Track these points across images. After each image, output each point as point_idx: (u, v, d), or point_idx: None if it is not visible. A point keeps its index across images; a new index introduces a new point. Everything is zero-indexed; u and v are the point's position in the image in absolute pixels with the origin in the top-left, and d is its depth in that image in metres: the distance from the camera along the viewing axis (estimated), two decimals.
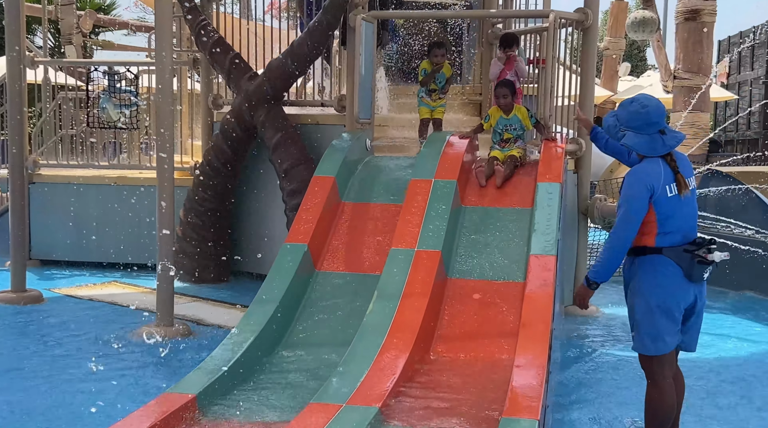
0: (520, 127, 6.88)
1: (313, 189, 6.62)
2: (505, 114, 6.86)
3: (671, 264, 4.12)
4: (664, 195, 4.10)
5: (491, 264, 5.90)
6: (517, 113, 6.87)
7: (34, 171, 9.96)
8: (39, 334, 6.84)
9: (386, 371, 4.62)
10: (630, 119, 4.19)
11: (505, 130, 6.88)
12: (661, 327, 4.14)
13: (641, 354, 4.28)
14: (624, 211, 4.13)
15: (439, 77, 7.79)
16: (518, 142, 6.92)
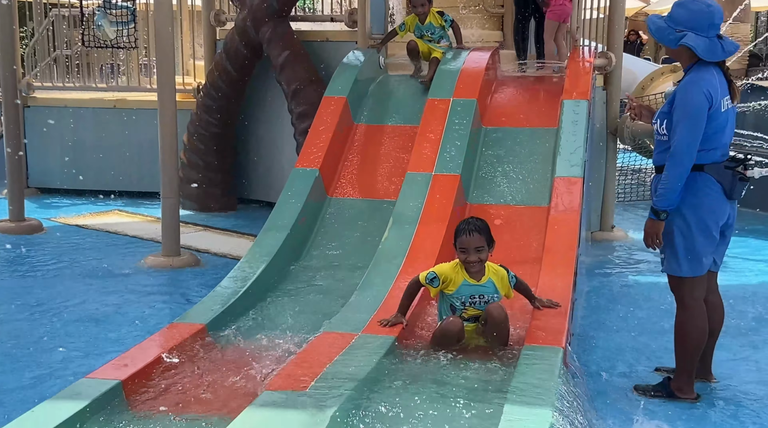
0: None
1: (324, 110, 6.57)
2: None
3: (713, 182, 4.09)
4: (719, 108, 4.03)
5: (513, 188, 5.89)
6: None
7: (28, 94, 9.93)
8: (40, 264, 6.94)
9: None
10: (692, 18, 4.01)
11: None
12: (699, 247, 4.14)
13: (673, 276, 4.28)
14: (686, 125, 3.99)
15: (428, 28, 7.27)
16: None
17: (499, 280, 4.20)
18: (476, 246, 4.08)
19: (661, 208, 4.12)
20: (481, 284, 4.15)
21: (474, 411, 3.45)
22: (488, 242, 4.14)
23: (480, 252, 4.10)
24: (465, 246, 4.10)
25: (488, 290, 4.16)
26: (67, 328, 5.30)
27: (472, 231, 4.09)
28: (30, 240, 7.81)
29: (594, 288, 6.33)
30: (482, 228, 4.12)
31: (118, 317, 5.53)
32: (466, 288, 4.16)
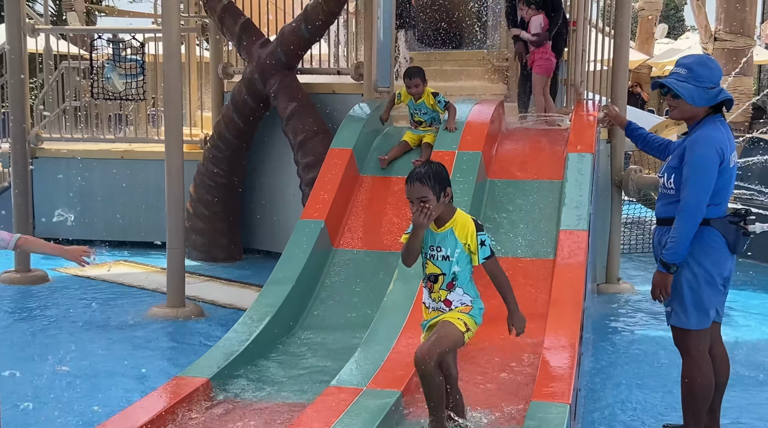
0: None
1: (330, 162, 6.61)
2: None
3: (718, 236, 4.14)
4: (728, 163, 4.11)
5: (519, 240, 5.89)
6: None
7: (36, 145, 10.02)
8: (44, 315, 6.92)
9: (407, 354, 4.62)
10: (717, 76, 4.18)
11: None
12: (706, 299, 4.16)
13: (678, 328, 4.26)
14: (698, 181, 4.05)
15: (420, 108, 6.87)
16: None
17: (461, 231, 3.73)
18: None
19: (671, 261, 4.15)
20: (439, 232, 3.75)
21: None
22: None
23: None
24: (409, 197, 3.70)
25: (446, 242, 3.72)
26: (68, 381, 5.26)
27: (413, 181, 3.65)
28: (35, 290, 7.82)
29: (600, 341, 6.28)
30: (426, 176, 3.64)
31: (121, 369, 5.49)
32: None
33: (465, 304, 3.75)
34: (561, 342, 4.44)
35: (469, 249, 3.72)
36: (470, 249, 3.72)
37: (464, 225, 3.72)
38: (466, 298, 3.77)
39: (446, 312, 3.74)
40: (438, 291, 3.76)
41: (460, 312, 3.74)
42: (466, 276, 3.77)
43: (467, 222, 3.74)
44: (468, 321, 3.73)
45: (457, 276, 3.73)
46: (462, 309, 3.75)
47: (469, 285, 3.79)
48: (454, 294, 3.74)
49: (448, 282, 3.74)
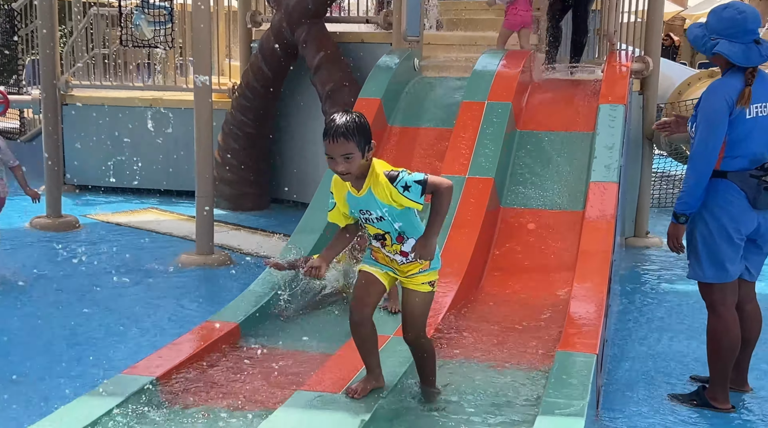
0: (393, 211, 3.33)
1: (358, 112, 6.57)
2: (355, 189, 3.34)
3: (735, 190, 4.07)
4: (742, 114, 4.01)
5: (548, 193, 5.86)
6: (374, 188, 3.29)
7: (66, 91, 10.07)
8: (76, 261, 7.03)
9: (435, 302, 4.64)
10: (724, 26, 4.04)
11: (366, 222, 3.39)
12: (722, 254, 4.12)
13: (701, 282, 4.25)
14: (704, 130, 4.03)
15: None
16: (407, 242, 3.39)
17: (381, 192, 3.22)
18: (344, 153, 3.13)
19: (680, 211, 4.16)
20: (361, 195, 3.26)
21: (506, 420, 3.44)
22: (361, 145, 3.13)
23: (348, 160, 3.15)
24: (330, 154, 3.17)
25: (371, 204, 3.25)
26: (101, 324, 5.36)
27: (336, 136, 3.12)
28: (66, 236, 7.93)
29: (627, 294, 6.27)
30: (351, 130, 3.13)
31: (152, 314, 5.59)
32: (352, 201, 3.32)
33: (418, 261, 3.35)
34: (589, 293, 4.44)
35: (399, 204, 3.23)
36: (401, 204, 3.22)
37: (380, 185, 3.20)
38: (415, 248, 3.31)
39: (405, 262, 3.38)
40: (391, 246, 3.38)
41: (420, 271, 3.39)
42: (412, 224, 3.32)
43: (381, 179, 3.21)
44: (431, 277, 3.45)
45: (403, 230, 3.33)
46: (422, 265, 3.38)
47: (419, 228, 3.34)
48: (407, 244, 3.36)
49: (396, 237, 3.36)
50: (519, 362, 4.06)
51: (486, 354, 4.18)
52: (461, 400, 3.62)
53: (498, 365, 4.02)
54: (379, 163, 3.29)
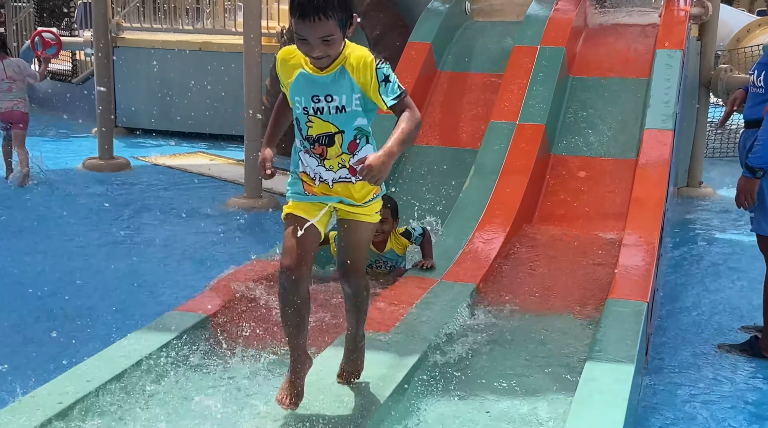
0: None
1: (407, 57, 6.50)
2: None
3: None
4: None
5: (600, 140, 5.75)
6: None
7: (117, 34, 10.12)
8: (128, 201, 7.15)
9: (483, 248, 4.64)
10: None
11: (316, 113, 2.76)
12: None
13: (762, 236, 4.16)
14: None
15: (382, 260, 4.58)
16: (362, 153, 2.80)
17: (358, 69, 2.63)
18: (323, 35, 2.55)
19: (757, 165, 4.00)
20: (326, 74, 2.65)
21: (554, 366, 3.43)
22: (343, 23, 2.56)
23: (328, 44, 2.58)
24: (303, 35, 2.55)
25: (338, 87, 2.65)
26: (152, 263, 5.46)
27: (316, 14, 2.50)
28: (118, 177, 8.05)
29: (679, 244, 6.18)
30: (330, 5, 2.51)
31: (202, 254, 5.68)
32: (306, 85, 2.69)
33: None
34: (640, 242, 4.37)
35: (370, 90, 2.62)
36: (372, 91, 2.61)
37: (359, 59, 2.61)
38: None
39: (353, 182, 2.72)
40: (337, 157, 2.70)
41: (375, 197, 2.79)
42: (368, 130, 2.72)
43: (362, 54, 2.63)
44: (378, 206, 2.84)
45: (362, 131, 2.69)
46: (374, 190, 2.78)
47: (373, 142, 2.73)
48: (359, 155, 2.68)
49: (350, 141, 2.68)
50: (568, 309, 4.03)
51: (535, 301, 4.16)
52: (510, 348, 3.61)
53: (547, 312, 4.00)
54: (353, 44, 2.67)
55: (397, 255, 4.55)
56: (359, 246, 2.87)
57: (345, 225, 2.84)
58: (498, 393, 3.16)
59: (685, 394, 3.77)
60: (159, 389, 3.12)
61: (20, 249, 5.73)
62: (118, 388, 3.01)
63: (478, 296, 4.13)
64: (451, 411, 3.04)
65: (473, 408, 3.06)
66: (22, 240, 5.95)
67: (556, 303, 4.12)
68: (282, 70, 2.73)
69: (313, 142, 2.72)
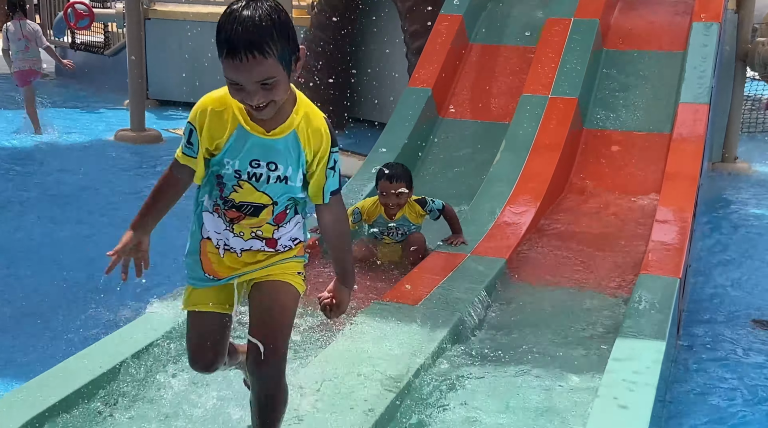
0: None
1: (439, 29, 6.44)
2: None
3: None
4: None
5: (634, 114, 5.68)
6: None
7: (149, 6, 10.14)
8: (157, 173, 7.16)
9: (513, 223, 4.62)
10: None
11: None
12: None
13: None
14: None
15: (396, 227, 4.46)
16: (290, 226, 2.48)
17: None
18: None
19: None
20: (272, 138, 2.10)
21: (584, 342, 3.42)
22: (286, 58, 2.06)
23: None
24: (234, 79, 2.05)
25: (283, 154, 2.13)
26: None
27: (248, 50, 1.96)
28: (150, 149, 8.10)
29: (713, 219, 6.10)
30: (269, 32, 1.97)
31: None
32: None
33: (297, 240, 2.32)
34: (673, 217, 4.32)
35: (315, 172, 2.22)
36: (316, 176, 2.22)
37: (316, 132, 2.19)
38: (299, 232, 2.32)
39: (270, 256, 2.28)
40: (258, 228, 2.25)
41: (294, 258, 2.30)
42: (303, 199, 2.29)
43: (320, 126, 2.20)
44: (300, 266, 2.32)
45: (295, 201, 2.26)
46: (296, 251, 2.30)
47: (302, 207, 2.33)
48: (286, 228, 2.27)
49: (279, 212, 2.25)
50: (599, 285, 4.01)
51: (565, 276, 4.14)
52: (541, 323, 3.60)
53: (577, 288, 3.98)
54: (307, 103, 2.21)
55: (411, 223, 4.45)
56: (281, 318, 2.21)
57: (259, 290, 2.25)
58: (526, 367, 3.16)
59: (717, 371, 3.73)
60: None
61: (54, 218, 5.80)
62: (157, 357, 3.05)
63: (508, 271, 4.12)
64: (479, 384, 3.04)
65: (502, 382, 3.06)
66: (54, 210, 6.01)
67: (587, 278, 4.09)
68: (211, 125, 2.19)
69: (231, 207, 2.22)
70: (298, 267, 2.29)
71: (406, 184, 4.34)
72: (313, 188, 2.21)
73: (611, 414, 2.60)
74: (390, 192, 4.29)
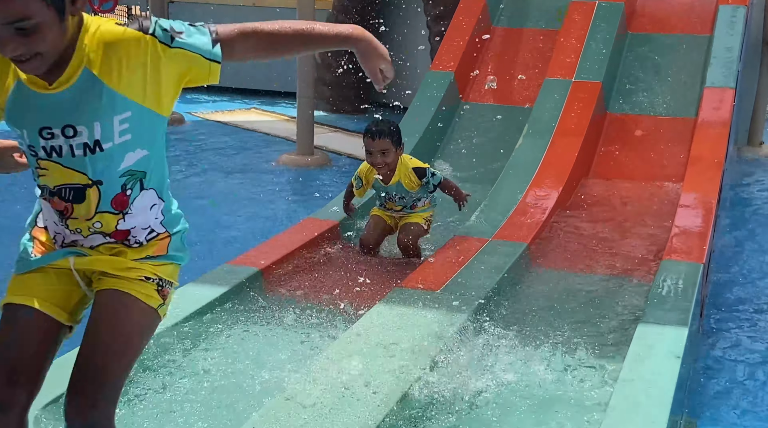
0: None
1: (462, 12, 6.40)
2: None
3: None
4: None
5: (658, 98, 5.62)
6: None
7: None
8: (180, 157, 7.22)
9: (535, 208, 4.59)
10: None
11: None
12: None
13: None
14: None
15: (394, 191, 4.27)
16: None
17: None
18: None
19: None
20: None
21: (606, 327, 3.40)
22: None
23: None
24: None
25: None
26: (206, 217, 5.53)
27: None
28: (172, 131, 8.13)
29: (738, 205, 6.02)
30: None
31: (256, 209, 5.72)
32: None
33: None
34: (697, 202, 4.28)
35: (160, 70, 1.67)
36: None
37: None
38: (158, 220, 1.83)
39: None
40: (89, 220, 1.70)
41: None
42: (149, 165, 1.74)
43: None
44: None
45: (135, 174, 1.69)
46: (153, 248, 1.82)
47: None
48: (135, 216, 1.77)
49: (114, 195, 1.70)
50: (622, 270, 3.97)
51: (587, 261, 4.11)
52: (562, 309, 3.58)
53: (599, 273, 3.95)
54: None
55: (407, 191, 4.19)
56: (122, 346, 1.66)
57: (101, 299, 1.71)
58: (547, 353, 3.14)
59: (741, 356, 3.69)
60: (212, 340, 3.17)
61: None
62: (173, 338, 3.07)
63: (529, 256, 4.10)
64: (500, 368, 3.03)
65: (523, 367, 3.05)
66: None
67: (610, 263, 4.06)
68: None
69: (51, 194, 1.72)
70: (156, 270, 1.73)
71: (392, 141, 4.07)
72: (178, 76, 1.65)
73: (632, 401, 2.58)
74: (373, 150, 4.08)
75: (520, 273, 3.91)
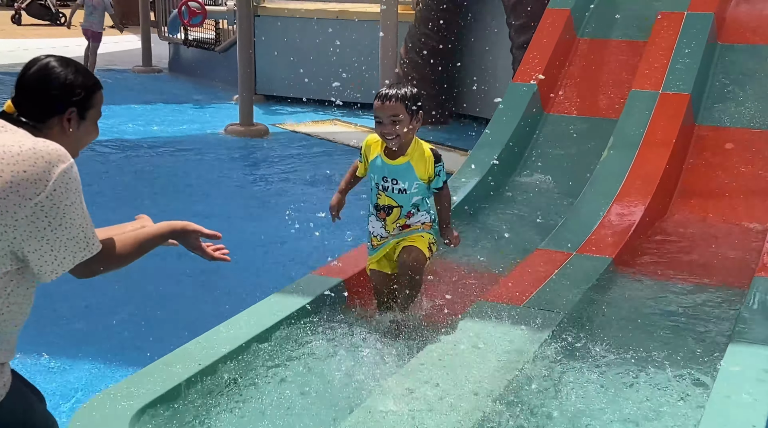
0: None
1: (546, 23, 6.35)
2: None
3: None
4: None
5: (749, 110, 5.44)
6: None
7: (258, 3, 10.39)
8: (268, 166, 7.38)
9: (620, 222, 4.51)
10: None
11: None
12: None
13: None
14: None
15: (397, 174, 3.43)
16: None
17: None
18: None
19: None
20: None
21: (693, 344, 3.31)
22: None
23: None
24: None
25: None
26: (291, 229, 5.61)
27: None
28: (258, 143, 8.32)
29: None
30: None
31: (338, 222, 5.76)
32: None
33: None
34: None
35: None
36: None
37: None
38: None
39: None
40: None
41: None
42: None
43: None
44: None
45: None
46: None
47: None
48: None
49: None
50: (711, 287, 3.87)
51: (673, 277, 4.01)
52: (648, 325, 3.51)
53: (687, 289, 3.85)
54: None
55: (413, 180, 3.40)
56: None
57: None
58: (632, 370, 3.08)
59: None
60: (297, 350, 3.23)
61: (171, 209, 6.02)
62: (263, 345, 3.14)
63: (615, 270, 4.03)
64: (582, 387, 2.99)
65: (606, 386, 3.00)
66: (169, 201, 6.25)
67: (697, 279, 3.96)
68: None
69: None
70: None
71: (405, 107, 3.27)
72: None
73: (724, 422, 2.51)
74: (383, 116, 3.26)
75: (605, 288, 3.84)
